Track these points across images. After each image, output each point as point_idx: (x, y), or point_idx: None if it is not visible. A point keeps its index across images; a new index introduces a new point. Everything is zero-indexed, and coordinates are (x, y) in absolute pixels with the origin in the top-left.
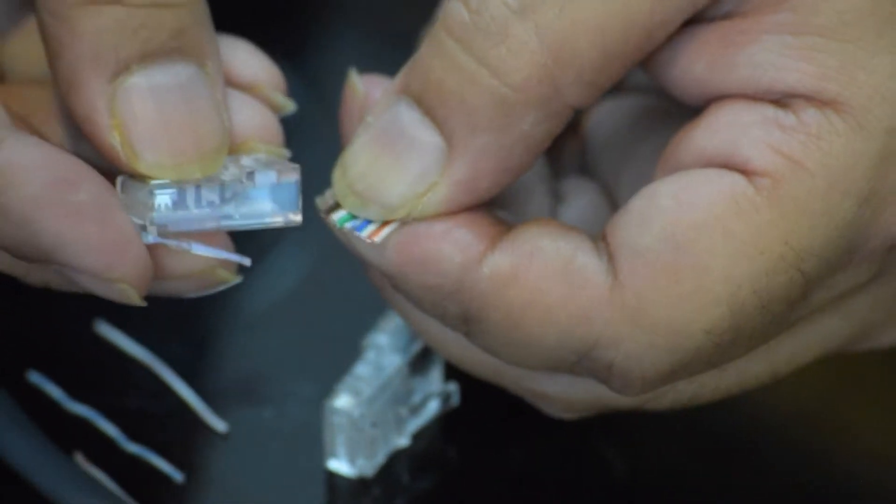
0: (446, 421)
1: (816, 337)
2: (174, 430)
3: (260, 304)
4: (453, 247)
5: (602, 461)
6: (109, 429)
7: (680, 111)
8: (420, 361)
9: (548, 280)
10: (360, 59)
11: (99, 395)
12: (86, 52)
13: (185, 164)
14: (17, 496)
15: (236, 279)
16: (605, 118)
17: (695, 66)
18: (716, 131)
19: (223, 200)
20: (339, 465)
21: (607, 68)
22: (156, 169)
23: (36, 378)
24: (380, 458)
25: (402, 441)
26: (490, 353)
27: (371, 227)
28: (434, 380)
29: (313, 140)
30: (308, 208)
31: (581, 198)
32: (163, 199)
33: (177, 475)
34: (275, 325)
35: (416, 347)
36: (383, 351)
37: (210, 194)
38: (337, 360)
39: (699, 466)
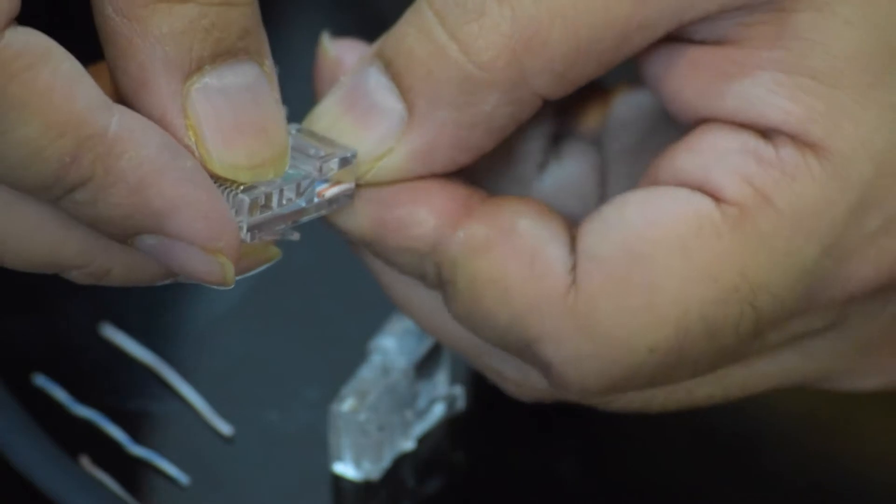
0: (452, 424)
1: (772, 369)
2: (180, 432)
3: (267, 306)
4: (428, 210)
5: (607, 464)
6: (115, 432)
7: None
8: (426, 365)
9: (515, 261)
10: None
11: (104, 398)
12: (158, 53)
13: (260, 167)
14: (22, 499)
15: (279, 255)
16: (633, 103)
17: (686, 88)
18: (695, 153)
19: (297, 195)
20: (345, 469)
21: (579, 63)
22: (231, 170)
23: (41, 381)
24: (385, 462)
25: (408, 445)
26: (456, 320)
27: (323, 185)
28: (440, 383)
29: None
30: None
31: (573, 165)
32: (253, 201)
33: (182, 478)
34: (280, 327)
35: (422, 351)
36: (389, 354)
37: (289, 192)
38: (342, 364)
39: (704, 468)
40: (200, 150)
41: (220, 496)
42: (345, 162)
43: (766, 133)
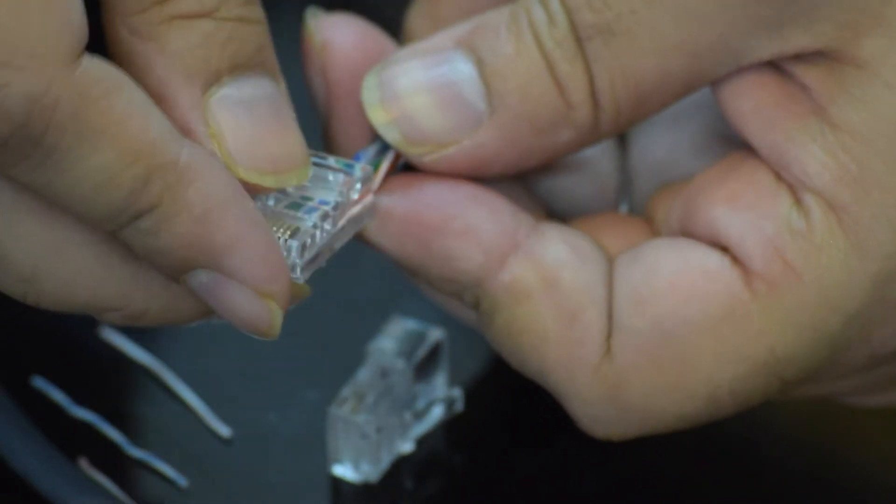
0: (450, 426)
1: (788, 394)
2: (178, 434)
3: None
4: (477, 245)
5: (607, 466)
6: (113, 434)
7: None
8: (424, 367)
9: (554, 318)
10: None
11: (103, 400)
12: (177, 65)
13: (284, 173)
14: (21, 501)
15: (310, 291)
16: None
17: (743, 101)
18: (733, 212)
19: (333, 225)
20: (344, 471)
21: (640, 115)
22: (256, 175)
23: (40, 383)
24: (384, 464)
25: (407, 447)
26: (487, 339)
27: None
28: (438, 385)
29: None
30: None
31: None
32: (301, 243)
33: (181, 480)
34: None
35: (421, 353)
36: (387, 356)
37: (327, 225)
38: (341, 366)
39: (705, 469)
40: (224, 156)
41: (219, 498)
42: (366, 181)
43: (799, 189)
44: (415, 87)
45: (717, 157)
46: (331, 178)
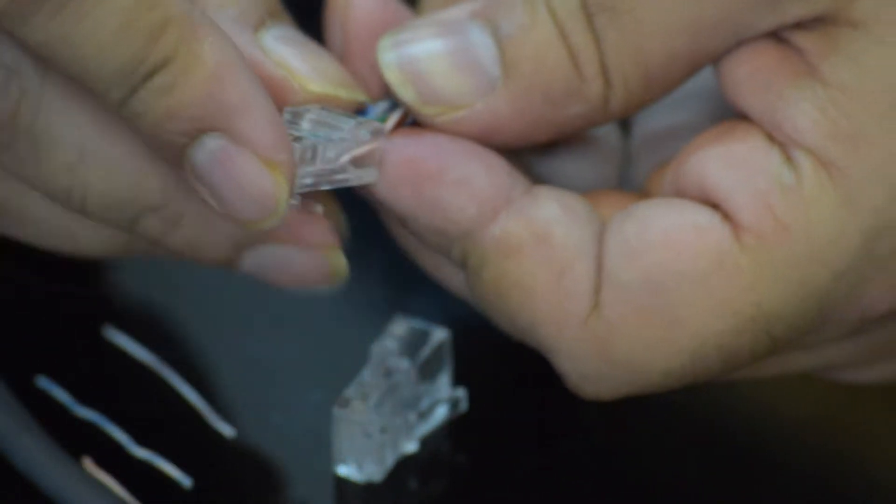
0: (454, 426)
1: (779, 364)
2: (182, 434)
3: (269, 308)
4: (470, 196)
5: (611, 466)
6: (117, 433)
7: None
8: (428, 367)
9: (544, 272)
10: None
11: (107, 400)
12: (225, 15)
13: (350, 87)
14: (25, 501)
15: (346, 271)
16: None
17: (739, 68)
18: (724, 166)
19: (336, 156)
20: (348, 471)
21: (650, 96)
22: (333, 87)
23: (44, 383)
24: (388, 464)
25: (411, 446)
26: (474, 300)
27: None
28: (442, 385)
29: None
30: None
31: None
32: (302, 148)
33: (184, 480)
34: (283, 329)
35: (425, 353)
36: (392, 356)
37: (330, 151)
38: (345, 366)
39: (710, 471)
40: (297, 78)
41: (223, 498)
42: (377, 131)
43: (790, 147)
44: (432, 49)
45: None
46: (343, 121)
